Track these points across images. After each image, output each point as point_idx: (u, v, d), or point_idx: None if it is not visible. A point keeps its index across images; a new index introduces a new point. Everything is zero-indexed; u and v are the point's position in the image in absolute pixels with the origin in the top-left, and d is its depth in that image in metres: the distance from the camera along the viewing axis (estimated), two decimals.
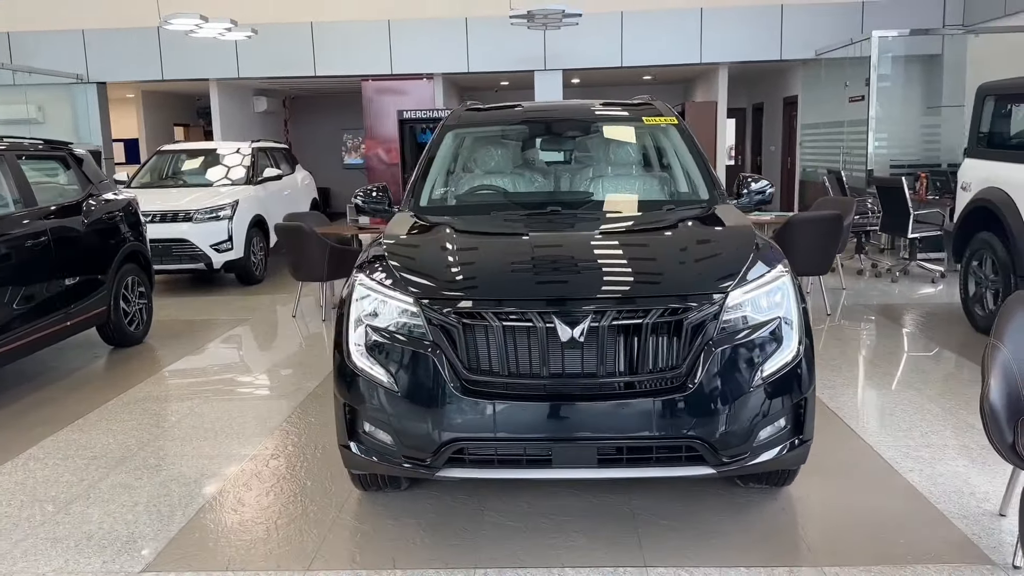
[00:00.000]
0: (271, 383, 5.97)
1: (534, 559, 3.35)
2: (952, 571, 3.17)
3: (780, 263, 3.47)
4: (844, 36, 13.31)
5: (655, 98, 5.26)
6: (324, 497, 4.01)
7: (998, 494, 3.81)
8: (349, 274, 7.82)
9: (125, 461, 4.54)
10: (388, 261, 3.57)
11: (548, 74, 14.07)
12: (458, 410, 3.18)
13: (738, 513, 3.71)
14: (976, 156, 7.01)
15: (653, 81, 16.98)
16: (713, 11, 13.61)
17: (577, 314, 3.13)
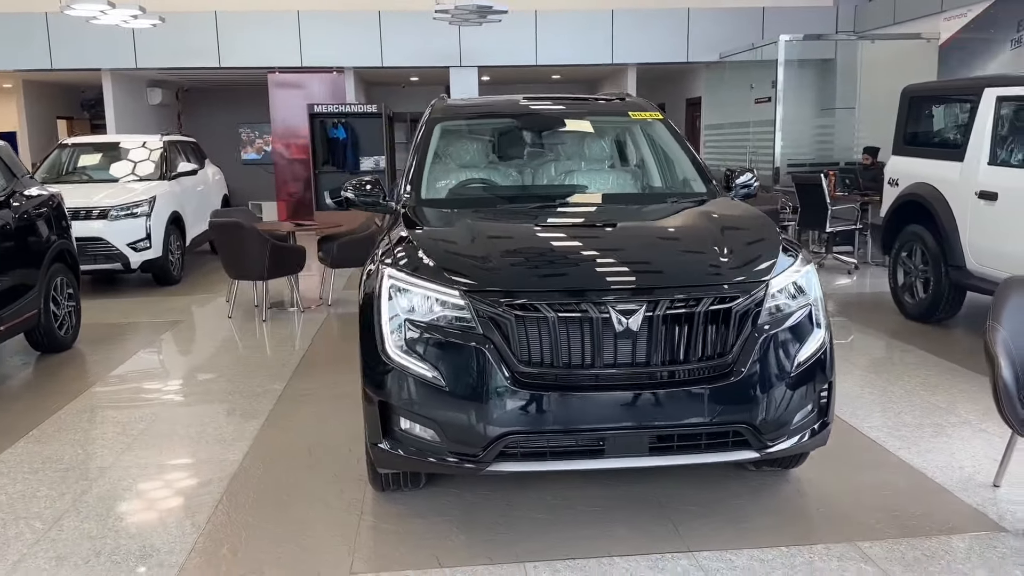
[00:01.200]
0: (233, 387, 5.70)
1: (579, 551, 3.35)
2: (972, 540, 3.38)
3: (801, 252, 3.61)
4: (746, 40, 13.90)
5: (629, 94, 5.34)
6: (338, 499, 3.87)
7: (984, 467, 4.08)
8: (291, 271, 7.61)
9: (105, 472, 4.25)
10: (421, 254, 3.48)
11: (463, 70, 14.05)
12: (511, 403, 3.15)
13: (758, 497, 3.83)
14: (903, 154, 7.46)
15: (561, 80, 17.19)
16: (624, 13, 13.92)
17: (632, 304, 3.15)
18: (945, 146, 6.93)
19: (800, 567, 3.20)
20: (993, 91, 6.29)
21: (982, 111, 6.36)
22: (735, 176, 4.61)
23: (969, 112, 6.54)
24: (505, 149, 4.98)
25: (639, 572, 3.19)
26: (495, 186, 4.67)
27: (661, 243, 3.68)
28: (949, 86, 7.83)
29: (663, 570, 3.20)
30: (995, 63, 11.03)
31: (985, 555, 3.26)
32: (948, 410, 4.92)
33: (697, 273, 3.33)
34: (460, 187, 4.61)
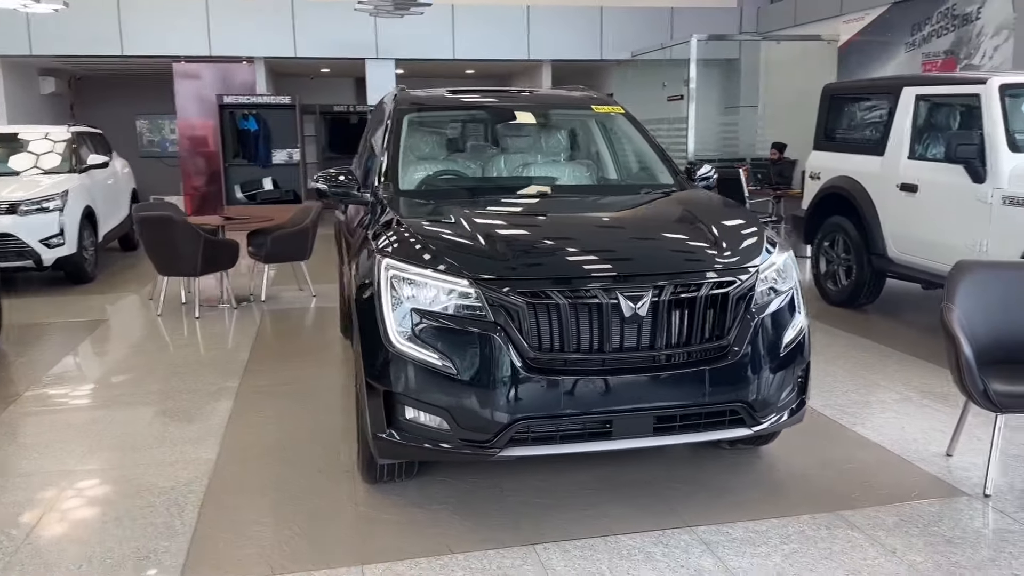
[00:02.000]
0: (185, 385, 5.52)
1: (583, 531, 3.44)
2: (940, 504, 3.66)
3: (778, 241, 3.80)
4: (657, 39, 14.30)
5: (588, 88, 5.47)
6: (330, 493, 3.84)
7: (933, 438, 4.40)
8: (224, 267, 7.39)
9: (70, 476, 4.07)
10: (422, 243, 3.49)
11: (380, 63, 13.90)
12: (523, 389, 3.21)
13: (737, 473, 4.01)
14: (823, 149, 7.88)
15: (475, 75, 17.23)
16: (539, 9, 14.08)
17: (640, 289, 3.26)
18: (865, 142, 7.35)
19: (794, 536, 3.39)
20: (912, 90, 6.73)
21: (901, 109, 6.79)
22: (696, 169, 4.80)
23: (889, 110, 6.97)
24: (477, 141, 5.02)
25: (645, 547, 3.30)
26: (474, 177, 4.70)
27: (659, 231, 3.80)
28: (868, 85, 8.29)
29: (667, 544, 3.33)
30: (892, 64, 11.74)
31: (955, 517, 3.53)
32: (888, 387, 5.26)
33: (697, 259, 3.47)
34: (439, 178, 4.61)
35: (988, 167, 5.83)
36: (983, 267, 4.11)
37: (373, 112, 6.22)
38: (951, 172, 6.15)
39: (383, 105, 5.31)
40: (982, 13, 10.18)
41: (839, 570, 3.14)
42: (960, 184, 6.05)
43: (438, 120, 5.01)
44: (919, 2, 11.17)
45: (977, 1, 10.23)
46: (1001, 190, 5.74)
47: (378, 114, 5.73)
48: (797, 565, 3.18)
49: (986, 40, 10.14)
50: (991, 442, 3.75)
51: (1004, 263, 4.18)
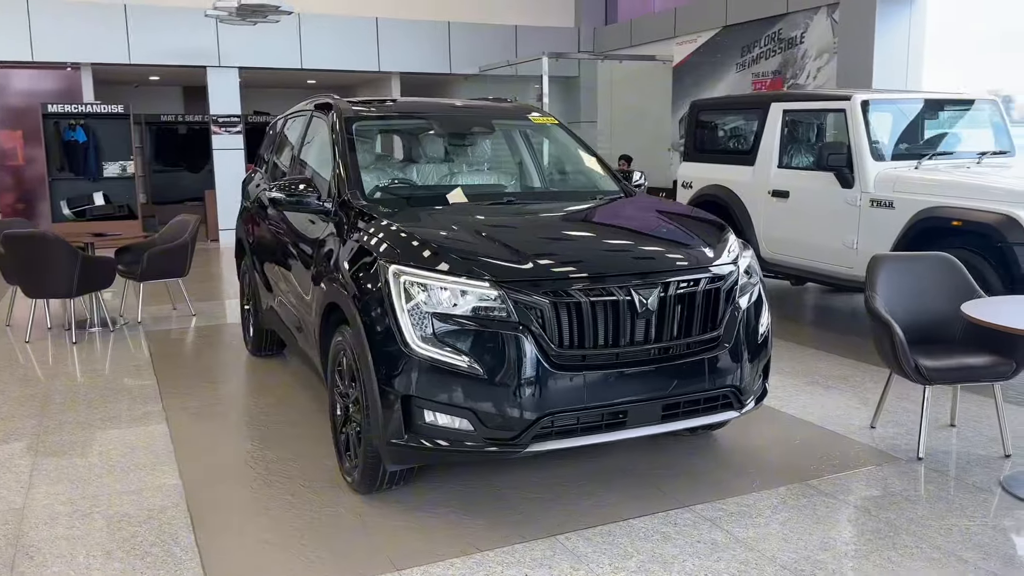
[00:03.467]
0: (104, 412, 5.13)
1: (595, 519, 3.61)
2: (885, 469, 4.13)
3: (739, 239, 4.16)
4: (503, 54, 14.73)
5: (515, 99, 5.65)
6: (323, 506, 3.77)
7: (853, 413, 4.93)
8: (100, 287, 6.91)
9: (30, 514, 3.72)
10: (433, 249, 3.52)
11: (222, 71, 13.35)
12: (549, 385, 3.33)
13: (705, 456, 4.32)
14: (694, 159, 8.50)
15: (317, 86, 16.88)
16: (388, 22, 14.09)
17: (650, 285, 3.47)
18: (735, 152, 8.02)
19: (780, 507, 3.73)
20: (779, 105, 7.44)
21: (770, 122, 7.49)
22: (630, 175, 5.10)
23: (757, 123, 7.66)
24: (429, 149, 5.05)
25: (658, 528, 3.52)
26: (439, 185, 4.73)
27: (652, 231, 4.03)
28: (736, 100, 9.01)
29: (676, 524, 3.56)
30: (723, 84, 12.79)
31: (902, 478, 4.02)
32: (795, 373, 5.81)
33: (693, 256, 3.72)
34: (405, 186, 4.61)
35: (855, 174, 6.58)
36: (896, 259, 4.68)
37: (282, 123, 6.06)
38: (821, 179, 6.88)
39: (313, 116, 5.21)
40: (805, 38, 11.34)
41: (831, 531, 3.50)
42: (830, 190, 6.77)
43: (388, 129, 5.01)
44: (748, 26, 12.25)
45: (801, 27, 11.39)
46: (868, 194, 6.49)
47: (295, 126, 5.63)
48: (796, 530, 3.50)
49: (810, 62, 11.31)
50: (921, 412, 4.29)
51: (913, 255, 4.77)
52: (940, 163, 6.60)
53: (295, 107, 6.04)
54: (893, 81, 10.10)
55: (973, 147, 7.03)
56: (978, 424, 4.71)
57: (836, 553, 3.31)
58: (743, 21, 12.30)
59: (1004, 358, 4.19)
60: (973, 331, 4.42)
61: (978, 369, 4.19)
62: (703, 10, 13.10)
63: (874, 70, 10.01)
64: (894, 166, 6.53)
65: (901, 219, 6.23)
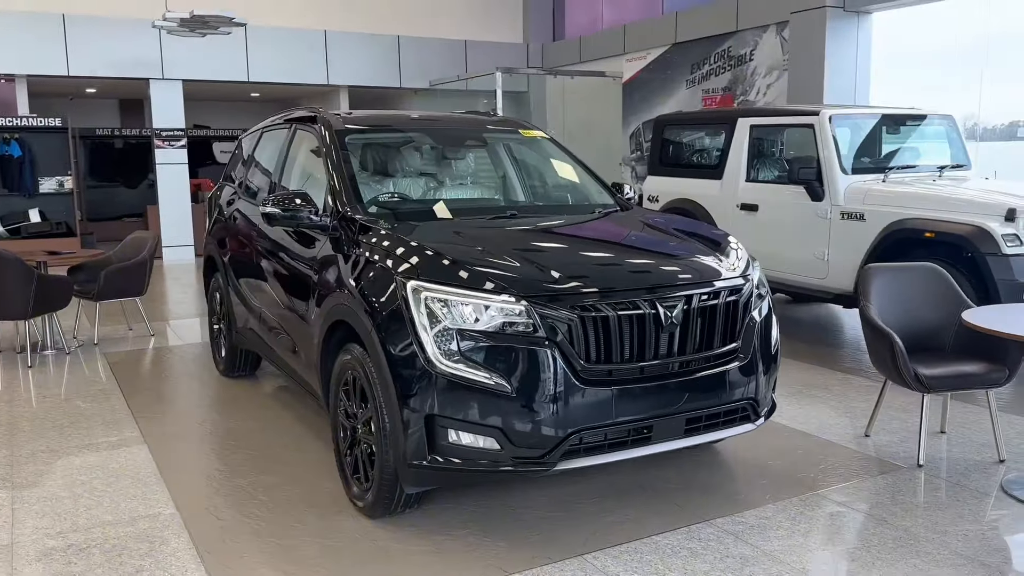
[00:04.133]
0: (78, 440, 4.86)
1: (618, 536, 3.55)
2: (889, 477, 4.19)
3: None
4: (452, 70, 14.70)
5: (494, 112, 5.60)
6: (333, 531, 3.63)
7: (846, 423, 5.00)
8: (56, 307, 6.60)
9: (20, 551, 3.48)
10: (454, 264, 3.43)
11: (166, 83, 12.96)
12: (577, 401, 3.27)
13: (712, 470, 4.32)
14: (659, 174, 8.58)
15: (261, 98, 16.54)
16: (337, 35, 13.91)
17: (673, 299, 3.45)
18: (702, 166, 8.13)
19: (798, 518, 3.73)
20: (747, 121, 7.56)
21: (738, 137, 7.61)
22: (622, 189, 5.10)
23: (724, 138, 7.78)
24: (422, 163, 4.95)
25: (683, 544, 3.48)
26: (437, 199, 4.63)
27: (669, 245, 4.00)
28: (702, 116, 9.13)
29: (700, 539, 3.53)
30: (673, 100, 12.98)
31: (908, 486, 4.07)
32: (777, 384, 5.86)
33: (712, 269, 3.71)
34: (401, 201, 4.50)
35: (825, 187, 6.72)
36: (888, 270, 4.77)
37: (257, 137, 5.88)
38: (790, 192, 7.01)
39: (297, 130, 5.07)
40: (755, 55, 11.60)
41: (853, 540, 3.52)
42: (800, 203, 6.90)
43: (382, 143, 4.88)
44: (697, 44, 12.47)
45: (750, 44, 11.64)
46: (839, 206, 6.63)
47: (273, 139, 5.48)
48: (819, 541, 3.51)
49: (760, 79, 11.56)
50: (920, 420, 4.36)
51: (903, 266, 4.87)
52: (905, 176, 6.80)
53: (268, 120, 5.87)
54: (843, 97, 10.39)
55: (932, 161, 7.26)
56: (967, 431, 4.82)
57: (863, 563, 3.32)
58: (693, 39, 12.52)
59: (997, 365, 4.30)
60: (963, 340, 4.54)
61: (973, 376, 4.29)
62: (652, 28, 13.29)
63: (825, 86, 10.28)
64: (862, 179, 6.69)
65: (872, 231, 6.38)
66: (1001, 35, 9.51)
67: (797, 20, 10.57)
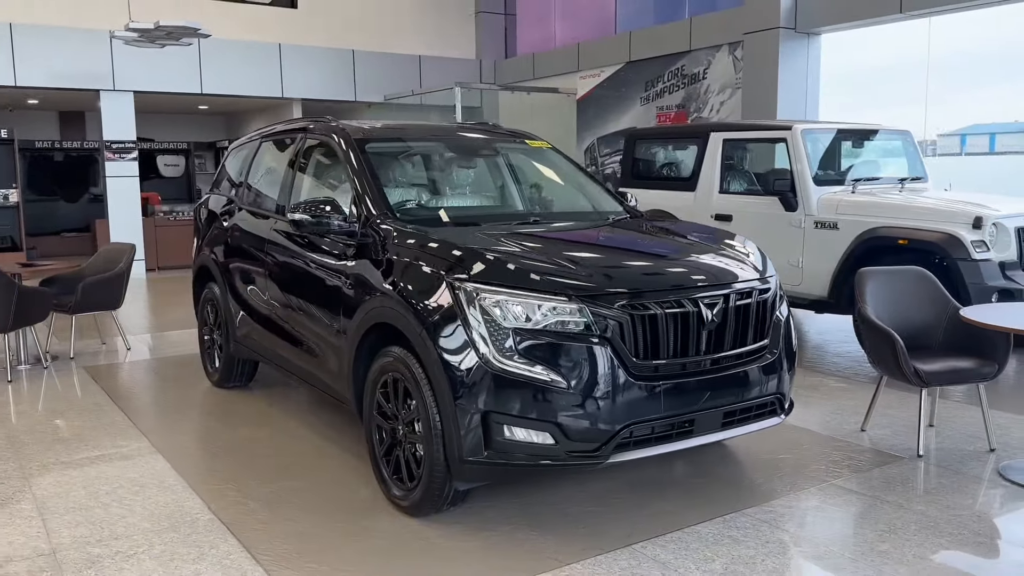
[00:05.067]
0: (87, 453, 4.77)
1: (660, 527, 3.69)
2: (894, 467, 4.43)
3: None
4: (406, 84, 14.78)
5: (494, 124, 5.74)
6: (379, 531, 3.68)
7: (840, 419, 5.26)
8: (36, 320, 6.45)
9: (66, 559, 3.43)
10: (509, 266, 3.53)
11: (116, 95, 12.69)
12: (630, 396, 3.41)
13: (729, 464, 4.50)
14: (631, 185, 8.80)
15: (209, 111, 16.29)
16: (291, 48, 13.85)
17: (714, 298, 3.63)
18: (675, 179, 8.40)
19: (823, 507, 3.94)
20: (719, 135, 7.86)
21: (711, 151, 7.90)
22: (626, 198, 5.29)
23: (698, 151, 8.06)
24: (438, 172, 5.04)
25: (723, 532, 3.65)
26: (464, 207, 4.72)
27: (702, 247, 4.17)
28: (674, 130, 9.44)
29: (738, 527, 3.70)
30: (628, 116, 13.32)
31: (914, 475, 4.33)
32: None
33: (744, 270, 3.91)
34: (424, 208, 4.58)
35: (799, 198, 7.04)
36: (880, 274, 5.06)
37: (255, 146, 5.88)
38: (763, 203, 7.32)
39: (306, 138, 5.10)
40: (708, 74, 12.02)
41: (879, 524, 3.73)
42: (774, 213, 7.21)
43: (399, 152, 4.96)
44: (651, 62, 12.85)
45: (703, 63, 12.06)
46: (812, 216, 6.97)
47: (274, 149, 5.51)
48: (849, 526, 3.73)
49: (713, 96, 11.98)
50: (919, 414, 4.64)
51: (894, 270, 5.16)
52: (872, 188, 7.17)
53: (266, 129, 5.89)
54: (794, 113, 10.85)
55: (892, 173, 7.68)
56: (953, 423, 5.13)
57: (895, 543, 3.54)
58: (646, 57, 12.89)
59: (987, 360, 4.60)
60: (952, 337, 4.85)
61: (967, 371, 4.59)
62: (606, 46, 13.63)
63: (778, 103, 10.73)
64: (833, 190, 7.04)
65: (846, 239, 6.72)
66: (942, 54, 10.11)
67: (751, 40, 11.01)
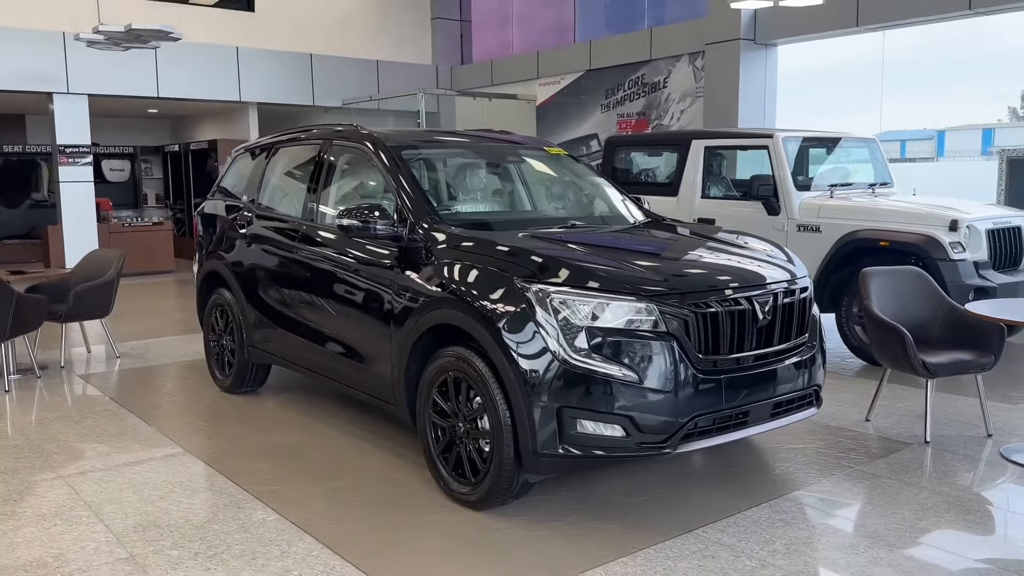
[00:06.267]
0: (121, 456, 4.73)
1: (714, 514, 3.90)
2: (907, 453, 4.76)
3: None
4: (364, 89, 14.79)
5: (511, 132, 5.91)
6: (454, 526, 3.81)
7: (842, 410, 5.58)
8: (31, 328, 6.35)
9: (149, 564, 3.45)
10: (578, 268, 3.71)
11: (70, 98, 12.37)
12: (696, 390, 3.62)
13: (754, 455, 4.75)
14: None
15: (159, 115, 15.94)
16: (249, 52, 13.72)
17: (765, 297, 3.87)
18: (655, 184, 8.68)
19: (856, 491, 4.22)
20: (700, 142, 8.17)
21: (692, 157, 8.21)
22: (640, 203, 5.51)
23: (679, 158, 8.36)
24: (470, 178, 5.16)
25: (774, 517, 3.88)
26: (503, 212, 4.86)
27: (746, 248, 4.40)
28: (655, 137, 9.71)
29: (786, 511, 3.95)
30: (589, 122, 13.63)
31: (925, 459, 4.66)
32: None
33: (786, 269, 4.16)
34: (465, 213, 4.71)
35: (781, 202, 7.40)
36: (882, 273, 5.40)
37: (270, 152, 5.90)
38: (745, 207, 7.65)
39: (333, 145, 5.17)
40: (668, 83, 12.40)
41: (911, 504, 4.03)
42: (757, 217, 7.54)
43: (432, 158, 5.07)
44: (611, 71, 13.18)
45: (664, 72, 12.44)
46: (795, 220, 7.33)
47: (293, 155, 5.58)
48: (884, 507, 4.00)
49: (673, 104, 12.37)
50: (925, 403, 4.98)
51: (893, 269, 5.51)
52: (849, 192, 7.58)
53: (281, 135, 5.92)
54: (753, 120, 11.31)
55: (861, 179, 8.12)
56: (946, 412, 5.50)
57: (932, 521, 3.83)
58: (606, 66, 13.22)
59: (984, 352, 4.98)
60: (948, 332, 5.23)
61: (968, 363, 4.95)
62: (566, 54, 13.91)
63: (739, 111, 11.17)
64: (812, 195, 7.42)
65: (828, 241, 7.09)
66: (894, 63, 10.70)
67: (712, 51, 11.42)
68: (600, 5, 14.09)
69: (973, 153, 18.33)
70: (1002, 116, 13.70)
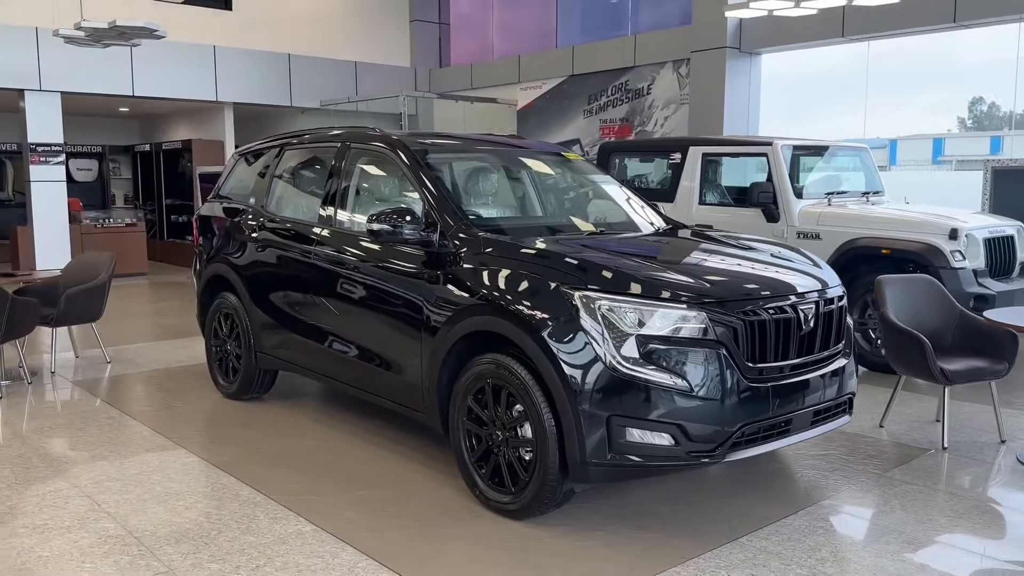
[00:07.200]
0: (135, 466, 4.58)
1: (753, 523, 3.89)
2: (927, 459, 4.80)
3: None
4: (343, 90, 14.64)
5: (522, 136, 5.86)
6: (494, 536, 3.75)
7: (860, 417, 5.61)
8: (26, 332, 6.16)
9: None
10: (617, 273, 3.68)
11: (42, 95, 12.03)
12: (744, 397, 3.61)
13: (780, 463, 4.76)
14: None
15: (131, 114, 15.57)
16: (226, 51, 13.48)
17: (808, 305, 3.88)
18: (651, 190, 8.70)
19: (888, 497, 4.24)
20: (698, 149, 8.21)
21: (690, 164, 8.24)
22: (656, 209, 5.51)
23: (677, 164, 8.39)
24: (493, 184, 5.10)
25: (813, 525, 3.88)
26: (524, 216, 4.81)
27: (784, 257, 4.39)
28: (651, 144, 9.73)
29: (824, 519, 3.96)
30: (571, 127, 13.64)
31: (947, 464, 4.72)
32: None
33: (823, 279, 4.17)
34: (498, 217, 4.66)
35: (781, 210, 7.47)
36: (896, 281, 5.46)
37: (277, 153, 5.78)
38: (743, 214, 7.70)
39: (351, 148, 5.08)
40: (652, 89, 12.47)
41: (944, 510, 4.07)
42: (756, 223, 7.59)
43: (455, 162, 5.00)
44: (594, 76, 13.21)
45: (647, 79, 12.50)
46: (794, 227, 7.40)
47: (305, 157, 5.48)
48: (917, 513, 4.02)
49: (657, 111, 12.44)
50: (943, 410, 5.05)
51: (907, 277, 5.57)
52: (845, 200, 7.68)
53: (288, 136, 5.82)
54: (737, 127, 11.42)
55: (854, 187, 8.23)
56: (958, 418, 5.58)
57: (965, 528, 3.87)
58: (589, 72, 13.24)
59: (998, 359, 5.06)
60: (961, 339, 5.30)
61: (984, 370, 5.02)
62: (548, 59, 13.91)
63: (724, 117, 11.26)
64: (811, 203, 7.50)
65: (828, 248, 7.16)
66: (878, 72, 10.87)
67: (698, 59, 11.51)
68: (582, 11, 14.13)
69: (924, 162, 18.76)
70: (951, 127, 14.12)
